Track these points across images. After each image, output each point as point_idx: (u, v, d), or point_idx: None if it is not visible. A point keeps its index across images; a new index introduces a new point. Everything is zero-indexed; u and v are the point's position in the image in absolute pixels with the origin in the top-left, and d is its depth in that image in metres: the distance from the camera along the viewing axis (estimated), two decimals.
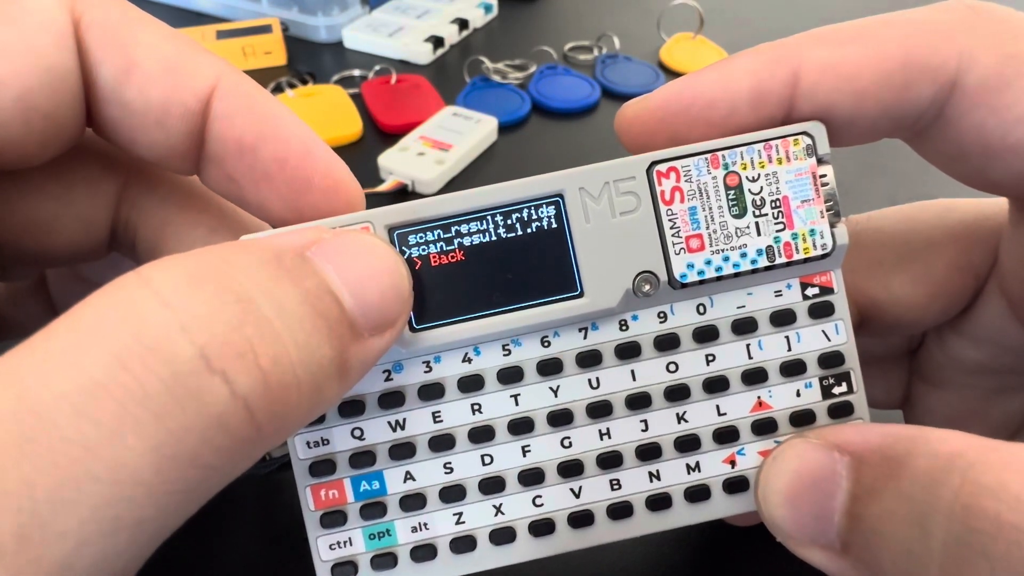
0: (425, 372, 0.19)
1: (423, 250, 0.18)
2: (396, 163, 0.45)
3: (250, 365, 0.13)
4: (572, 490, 0.19)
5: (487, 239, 0.18)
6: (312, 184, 0.18)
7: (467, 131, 0.47)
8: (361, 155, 0.47)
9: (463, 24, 0.59)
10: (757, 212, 0.18)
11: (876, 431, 0.16)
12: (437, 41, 0.57)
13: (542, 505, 0.19)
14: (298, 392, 0.14)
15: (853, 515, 0.16)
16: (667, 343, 0.19)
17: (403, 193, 0.44)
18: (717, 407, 0.19)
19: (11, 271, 0.21)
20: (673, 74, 0.55)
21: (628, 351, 0.19)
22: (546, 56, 0.56)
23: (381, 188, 0.44)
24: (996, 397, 0.23)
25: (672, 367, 0.19)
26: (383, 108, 0.50)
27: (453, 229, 0.18)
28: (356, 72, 0.55)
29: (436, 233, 0.18)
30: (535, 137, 0.50)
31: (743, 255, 0.18)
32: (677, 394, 0.19)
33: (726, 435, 0.19)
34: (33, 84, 0.16)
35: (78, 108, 0.18)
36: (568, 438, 0.19)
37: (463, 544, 0.19)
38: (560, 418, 0.19)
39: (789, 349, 0.19)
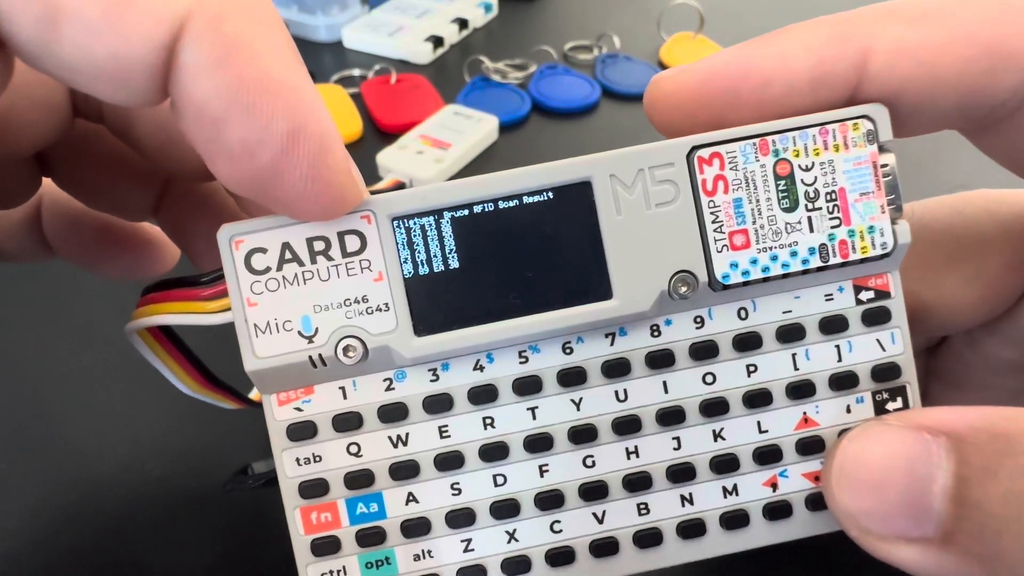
0: (431, 381, 0.17)
1: None
2: (394, 161, 0.43)
3: None
4: (595, 515, 0.17)
5: None
6: (287, 182, 0.14)
7: (467, 130, 0.46)
8: (360, 155, 0.45)
9: (463, 24, 0.58)
10: (810, 205, 0.16)
11: (974, 411, 0.14)
12: (437, 41, 0.55)
13: (561, 532, 0.17)
14: None
15: (960, 500, 0.14)
16: (704, 351, 0.17)
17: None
18: (758, 424, 0.17)
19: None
20: None
21: (660, 360, 0.17)
22: (546, 56, 0.55)
23: (378, 186, 0.42)
24: (1019, 398, 0.21)
25: (709, 378, 0.17)
26: (383, 108, 0.49)
27: None
28: (356, 72, 0.53)
29: None
30: (535, 137, 0.48)
31: (793, 254, 0.16)
32: (714, 409, 0.17)
33: (768, 455, 0.17)
34: None
35: None
36: (591, 457, 0.17)
37: (472, 575, 0.17)
38: (583, 435, 0.17)
39: (839, 360, 0.17)
